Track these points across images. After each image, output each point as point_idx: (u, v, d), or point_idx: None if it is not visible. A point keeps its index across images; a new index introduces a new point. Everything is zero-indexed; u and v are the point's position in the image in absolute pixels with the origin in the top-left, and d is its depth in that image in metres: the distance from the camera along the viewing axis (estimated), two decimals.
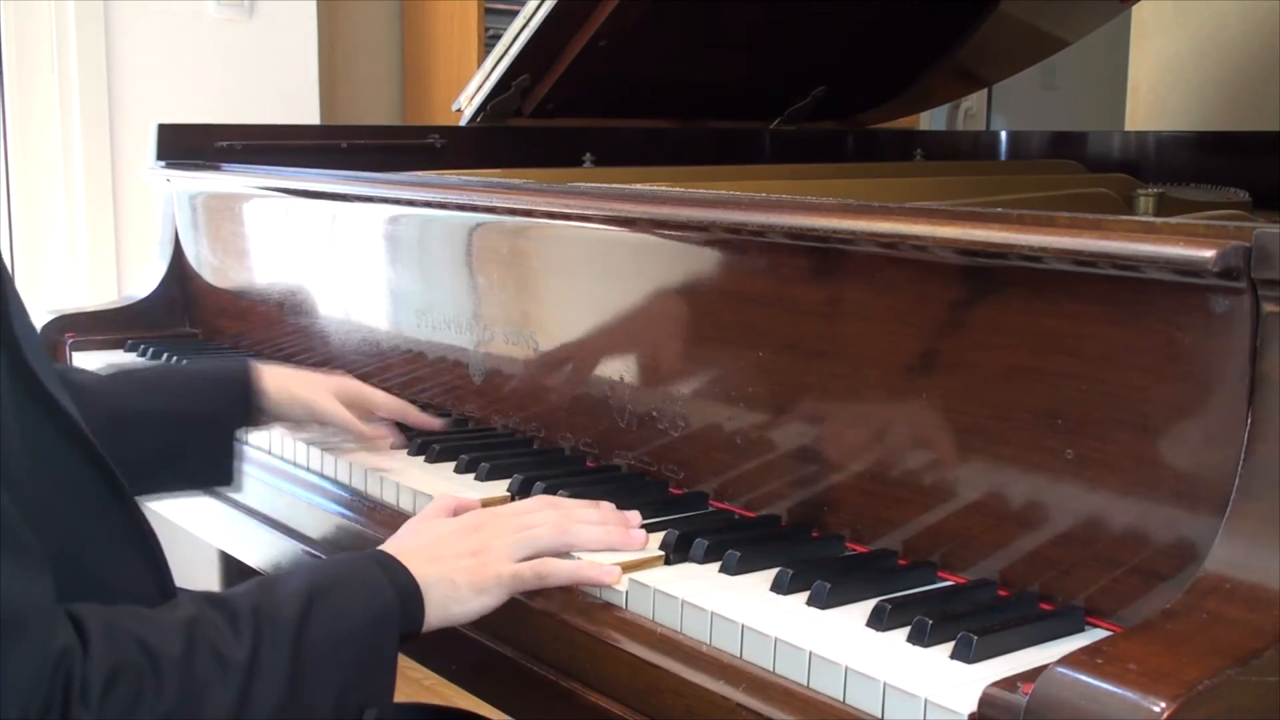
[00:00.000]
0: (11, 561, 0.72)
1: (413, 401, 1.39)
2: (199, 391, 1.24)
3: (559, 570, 0.97)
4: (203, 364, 1.47)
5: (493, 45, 1.90)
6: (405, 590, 0.91)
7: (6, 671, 0.69)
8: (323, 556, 1.22)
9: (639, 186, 1.31)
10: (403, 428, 1.32)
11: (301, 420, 1.29)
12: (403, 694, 1.30)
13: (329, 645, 0.84)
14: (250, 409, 1.24)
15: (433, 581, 0.92)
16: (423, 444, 1.27)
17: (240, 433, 1.25)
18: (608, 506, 1.05)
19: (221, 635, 0.80)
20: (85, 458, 0.85)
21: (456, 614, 0.94)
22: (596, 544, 0.99)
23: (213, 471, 1.23)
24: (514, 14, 1.86)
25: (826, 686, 0.80)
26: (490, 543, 0.97)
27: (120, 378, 1.25)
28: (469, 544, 0.97)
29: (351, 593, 0.88)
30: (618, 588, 0.95)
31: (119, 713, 0.73)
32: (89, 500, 0.85)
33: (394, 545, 0.97)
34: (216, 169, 1.77)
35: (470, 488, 1.17)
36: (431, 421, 1.32)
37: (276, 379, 1.26)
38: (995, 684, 0.73)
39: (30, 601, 0.72)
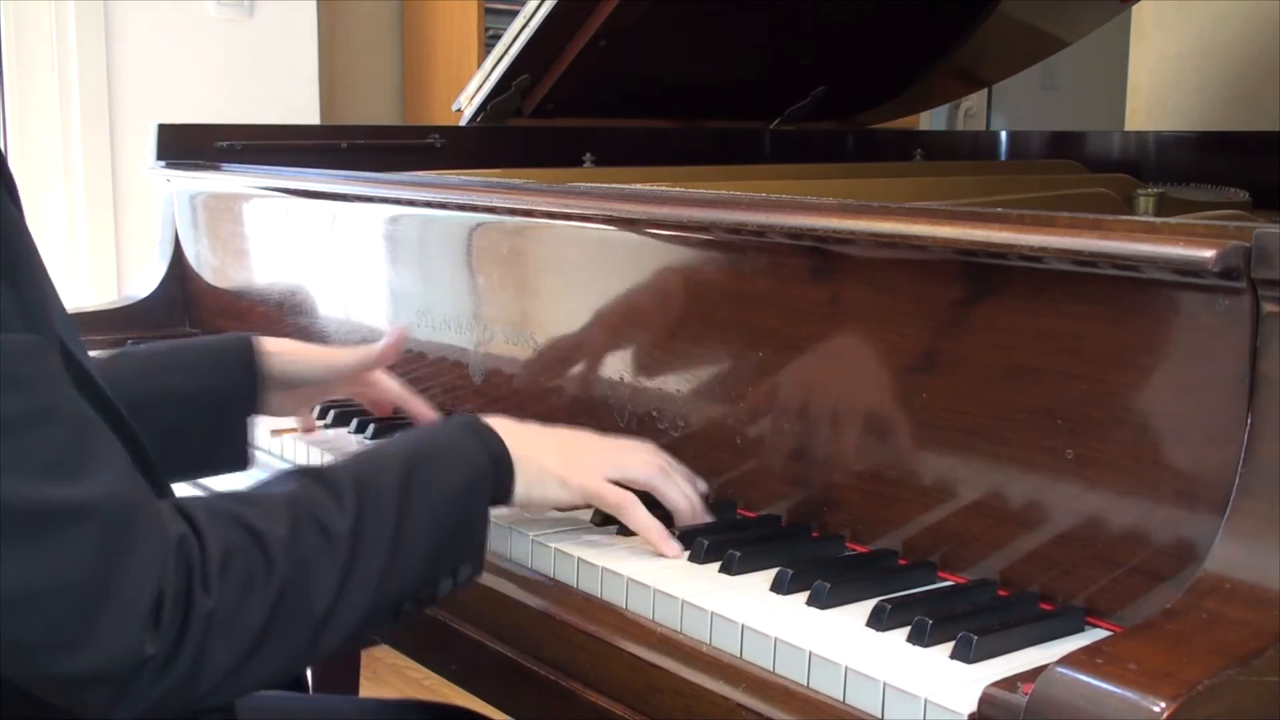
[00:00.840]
0: (115, 458, 0.74)
1: None
2: (202, 367, 1.21)
3: (639, 514, 1.00)
4: (204, 340, 1.45)
5: (493, 45, 1.90)
6: (498, 458, 0.95)
7: (135, 562, 0.72)
8: None
9: (639, 186, 1.31)
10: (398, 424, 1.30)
11: (312, 379, 1.26)
12: (402, 694, 1.30)
13: (427, 511, 0.87)
14: (256, 378, 1.21)
15: (523, 459, 0.97)
16: None
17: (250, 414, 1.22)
18: (702, 488, 1.08)
19: (324, 508, 0.82)
20: (129, 443, 0.86)
21: (536, 497, 0.98)
22: (674, 502, 1.03)
23: (226, 452, 1.20)
24: (514, 14, 1.86)
25: (826, 686, 0.80)
26: (586, 450, 1.02)
27: (120, 360, 1.22)
28: (567, 442, 1.02)
29: (448, 460, 0.92)
30: (606, 565, 0.96)
31: (235, 593, 0.75)
32: None
33: (496, 422, 0.99)
34: (216, 169, 1.77)
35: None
36: (427, 414, 1.31)
37: (280, 357, 1.23)
38: (995, 684, 0.73)
39: (142, 494, 0.75)
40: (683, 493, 1.04)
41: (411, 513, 0.86)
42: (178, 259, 1.87)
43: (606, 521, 1.06)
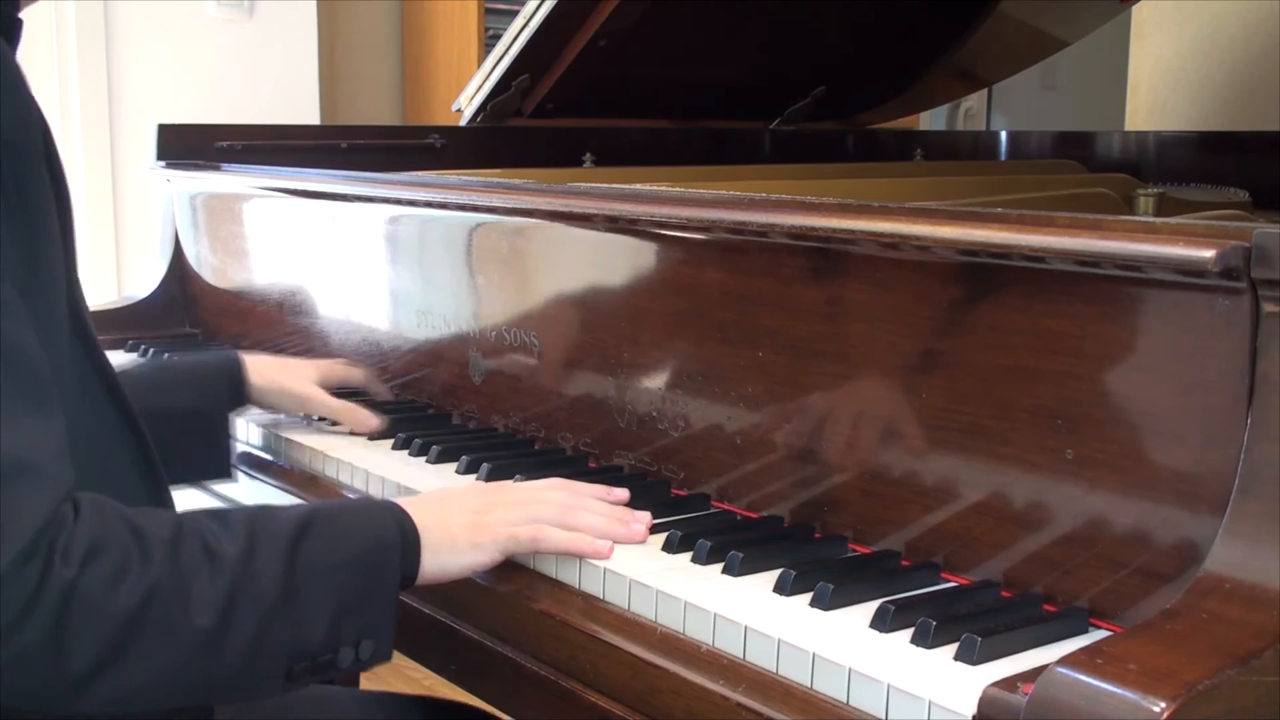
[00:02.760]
0: (34, 416, 0.76)
1: (412, 402, 1.42)
2: (190, 387, 1.30)
3: (554, 537, 0.99)
4: (190, 359, 1.52)
5: (493, 45, 1.90)
6: (405, 530, 0.93)
7: (9, 513, 0.73)
8: None
9: (639, 186, 1.31)
10: (409, 438, 1.30)
11: (288, 410, 1.37)
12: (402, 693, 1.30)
13: (326, 564, 0.86)
14: (238, 402, 1.32)
15: (431, 528, 0.94)
16: (423, 445, 1.27)
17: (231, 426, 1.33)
18: (620, 495, 1.07)
19: (212, 533, 0.83)
20: (138, 444, 0.91)
21: (449, 565, 0.96)
22: (595, 531, 1.00)
23: (209, 466, 1.29)
24: (514, 14, 1.86)
25: (830, 688, 0.80)
26: (494, 508, 1.00)
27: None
28: (475, 504, 1.00)
29: (351, 521, 0.91)
30: (608, 566, 0.96)
31: (102, 578, 0.76)
32: (120, 451, 0.92)
33: (403, 500, 0.99)
34: (216, 169, 1.77)
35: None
36: (386, 392, 1.42)
37: (261, 370, 1.33)
38: (995, 684, 0.73)
39: (46, 455, 0.76)
40: (600, 517, 1.02)
41: (307, 560, 0.85)
42: (178, 259, 1.87)
43: None
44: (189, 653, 0.79)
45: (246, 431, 1.41)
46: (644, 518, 1.04)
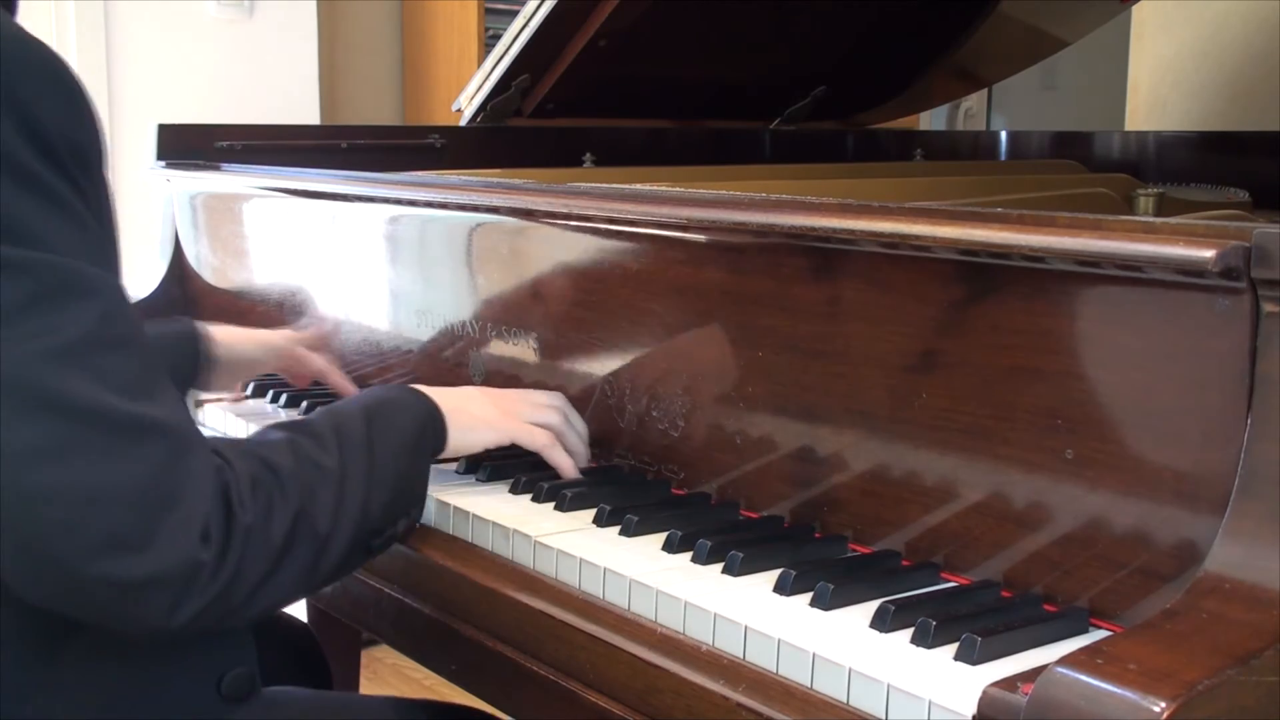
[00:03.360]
0: (174, 391, 0.85)
1: None
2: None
3: (558, 456, 1.16)
4: (154, 328, 1.53)
5: (493, 45, 1.90)
6: (434, 411, 1.10)
7: (194, 478, 0.82)
8: None
9: (639, 186, 1.31)
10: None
11: (254, 359, 1.43)
12: (402, 694, 1.30)
13: (390, 455, 1.01)
14: (201, 362, 1.37)
15: (453, 410, 1.11)
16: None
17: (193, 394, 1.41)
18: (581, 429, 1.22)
19: (315, 448, 0.96)
20: None
21: (471, 441, 1.13)
22: (573, 447, 1.18)
23: None
24: (514, 14, 1.86)
25: (830, 688, 0.80)
26: (508, 399, 1.18)
27: None
28: (488, 396, 1.18)
29: (399, 411, 1.06)
30: (608, 566, 0.99)
31: (261, 513, 0.87)
32: None
33: (420, 387, 1.13)
34: (216, 169, 1.77)
35: (476, 489, 1.17)
36: (349, 388, 1.44)
37: (228, 333, 1.41)
38: (995, 684, 0.73)
39: (193, 424, 0.86)
40: (579, 439, 1.19)
41: (377, 452, 1.00)
42: (178, 259, 1.86)
43: (609, 522, 1.06)
44: (315, 559, 0.92)
45: None
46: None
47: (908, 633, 0.83)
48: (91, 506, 0.77)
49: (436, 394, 1.11)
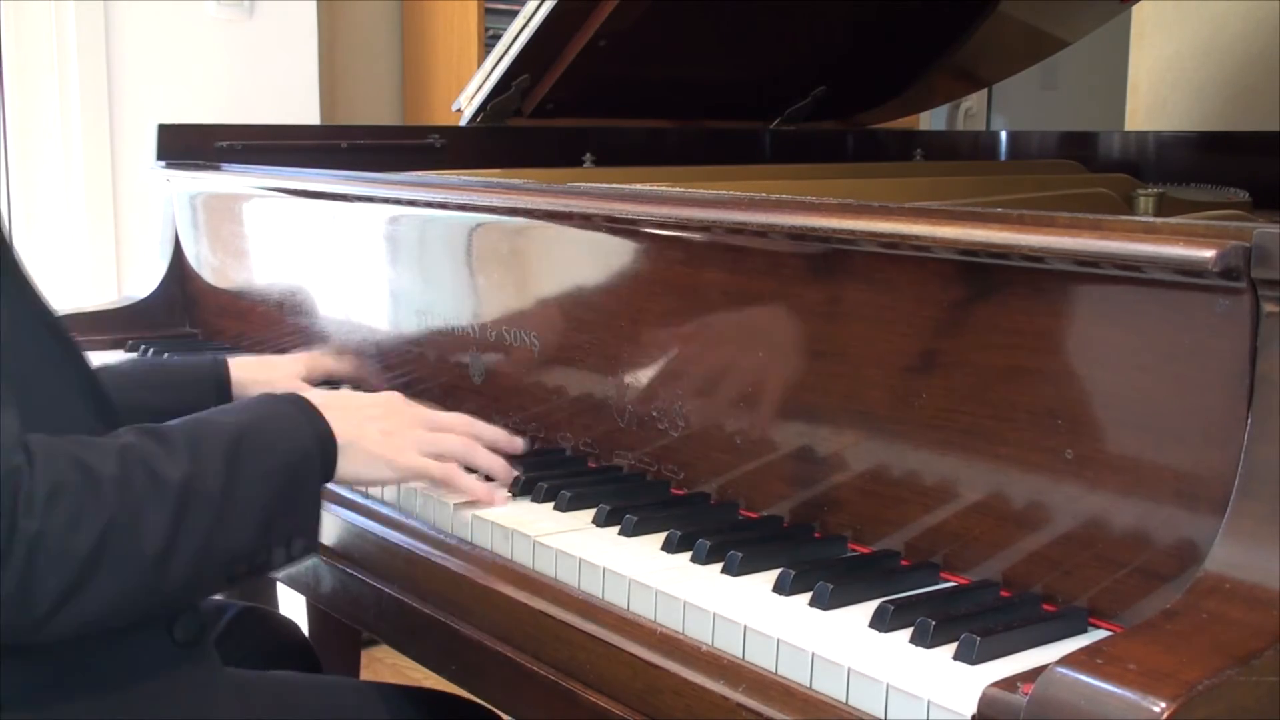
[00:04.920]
0: None
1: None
2: (172, 388, 1.29)
3: (461, 481, 1.10)
4: (177, 361, 1.52)
5: (493, 45, 1.90)
6: (323, 439, 1.01)
7: None
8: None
9: (639, 186, 1.31)
10: None
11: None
12: None
13: (258, 475, 0.93)
14: (223, 403, 1.29)
15: (348, 444, 1.03)
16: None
17: None
18: (516, 446, 1.17)
19: (155, 456, 0.87)
20: (43, 322, 0.93)
21: (363, 477, 1.07)
22: (489, 470, 1.13)
23: None
24: (514, 14, 1.86)
25: (829, 688, 0.80)
26: (404, 430, 1.09)
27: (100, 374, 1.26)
28: (383, 423, 1.08)
29: (277, 432, 0.97)
30: (607, 566, 0.97)
31: (61, 524, 0.80)
32: (50, 359, 0.93)
33: (317, 398, 1.04)
34: (216, 169, 1.77)
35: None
36: (374, 380, 1.42)
37: (244, 369, 1.34)
38: (995, 684, 0.73)
39: None
40: (493, 458, 1.13)
41: (241, 473, 0.91)
42: (178, 259, 1.87)
43: (609, 522, 1.06)
44: (142, 577, 0.85)
45: None
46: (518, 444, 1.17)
47: (907, 632, 0.83)
48: None
49: (332, 419, 1.02)
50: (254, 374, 1.34)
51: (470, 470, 1.13)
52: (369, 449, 1.05)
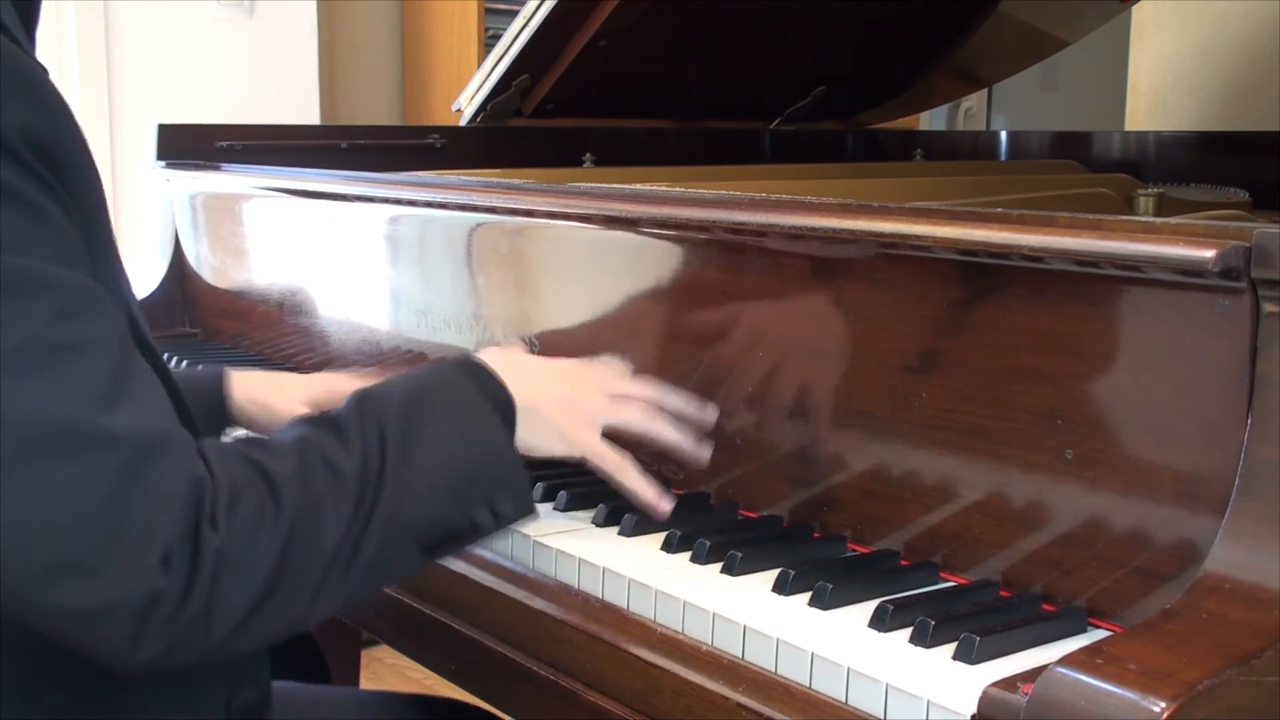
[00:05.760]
0: (152, 399, 0.78)
1: None
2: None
3: (631, 475, 1.02)
4: (177, 374, 1.48)
5: (493, 45, 1.90)
6: (501, 403, 0.94)
7: (152, 497, 0.73)
8: None
9: (639, 186, 1.31)
10: None
11: (269, 428, 1.26)
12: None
13: (432, 443, 0.87)
14: (220, 420, 1.24)
15: (528, 407, 0.97)
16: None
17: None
18: (710, 416, 1.09)
19: (331, 448, 0.83)
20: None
21: (539, 446, 0.99)
22: (673, 442, 1.04)
23: None
24: (514, 14, 1.86)
25: (829, 687, 0.80)
26: (584, 398, 1.01)
27: None
28: (563, 388, 1.01)
29: (448, 399, 0.92)
30: (607, 566, 0.96)
31: (244, 533, 0.77)
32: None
33: (495, 360, 0.98)
34: (216, 169, 1.77)
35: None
36: None
37: (247, 387, 1.25)
38: (995, 684, 0.73)
39: (174, 434, 0.77)
40: (669, 432, 1.04)
41: (417, 444, 0.87)
42: (178, 259, 1.87)
43: (608, 522, 1.06)
44: (326, 574, 0.81)
45: None
46: (712, 412, 1.08)
47: (906, 632, 0.83)
48: (32, 531, 0.71)
49: (510, 380, 0.96)
50: (255, 394, 1.26)
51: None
52: (547, 417, 0.98)
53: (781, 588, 0.91)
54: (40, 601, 0.73)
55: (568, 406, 1.00)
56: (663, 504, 1.02)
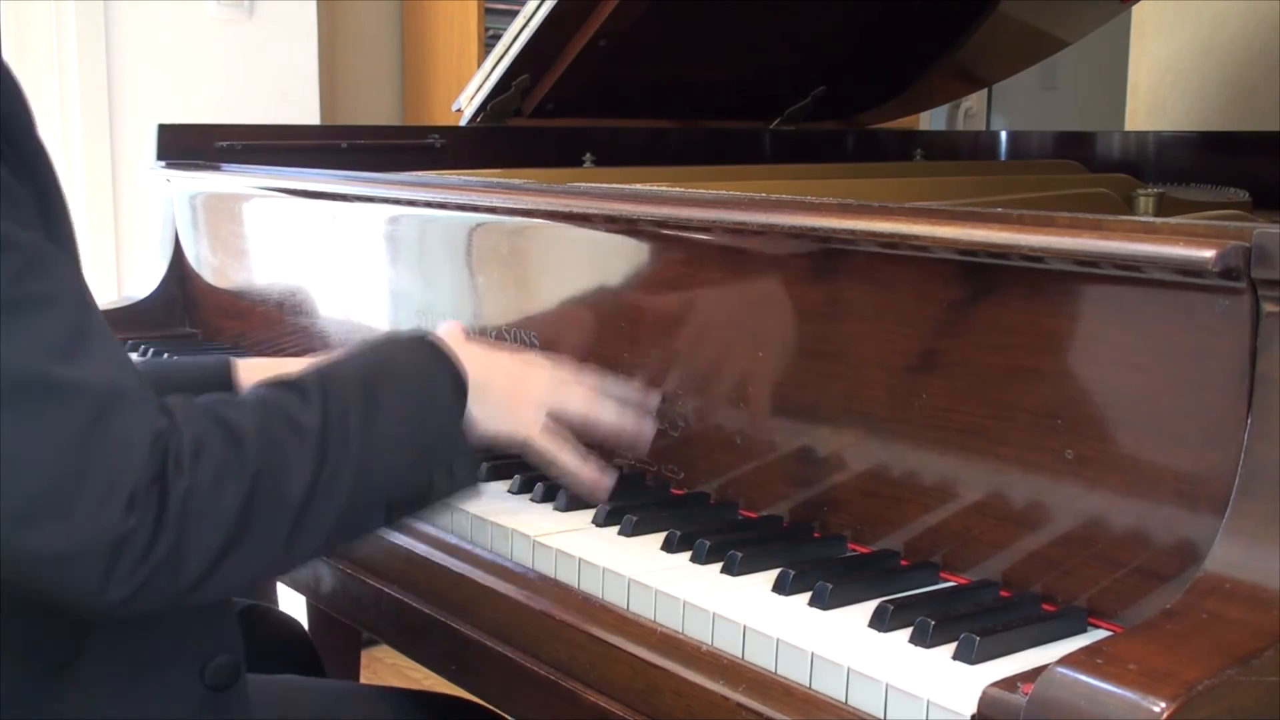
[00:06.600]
0: (111, 351, 0.80)
1: None
2: (179, 388, 1.25)
3: (570, 456, 1.06)
4: (182, 360, 1.49)
5: (493, 45, 1.90)
6: (454, 376, 0.97)
7: (117, 442, 0.76)
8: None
9: (639, 186, 1.31)
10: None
11: None
12: None
13: (393, 407, 0.91)
14: None
15: (479, 382, 0.99)
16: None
17: None
18: (652, 401, 1.13)
19: (293, 404, 0.86)
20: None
21: (488, 426, 1.01)
22: (615, 425, 1.09)
23: None
24: (514, 14, 1.86)
25: (829, 687, 0.80)
26: (529, 381, 1.05)
27: None
28: (509, 370, 1.05)
29: (406, 365, 0.95)
30: (607, 565, 0.97)
31: (210, 476, 0.79)
32: None
33: (440, 333, 1.02)
34: (216, 169, 1.77)
35: (483, 491, 1.17)
36: None
37: (253, 373, 1.28)
38: (995, 684, 0.73)
39: (132, 385, 0.79)
40: (612, 414, 1.08)
41: (379, 406, 0.90)
42: (178, 259, 1.87)
43: (608, 522, 1.06)
44: (291, 527, 0.83)
45: None
46: (655, 399, 1.12)
47: (906, 632, 0.83)
48: (8, 475, 0.73)
49: (461, 355, 0.99)
50: (260, 376, 1.30)
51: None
52: (498, 396, 1.02)
53: (781, 588, 0.91)
54: (10, 545, 0.74)
55: (514, 388, 1.04)
56: (603, 482, 1.07)
